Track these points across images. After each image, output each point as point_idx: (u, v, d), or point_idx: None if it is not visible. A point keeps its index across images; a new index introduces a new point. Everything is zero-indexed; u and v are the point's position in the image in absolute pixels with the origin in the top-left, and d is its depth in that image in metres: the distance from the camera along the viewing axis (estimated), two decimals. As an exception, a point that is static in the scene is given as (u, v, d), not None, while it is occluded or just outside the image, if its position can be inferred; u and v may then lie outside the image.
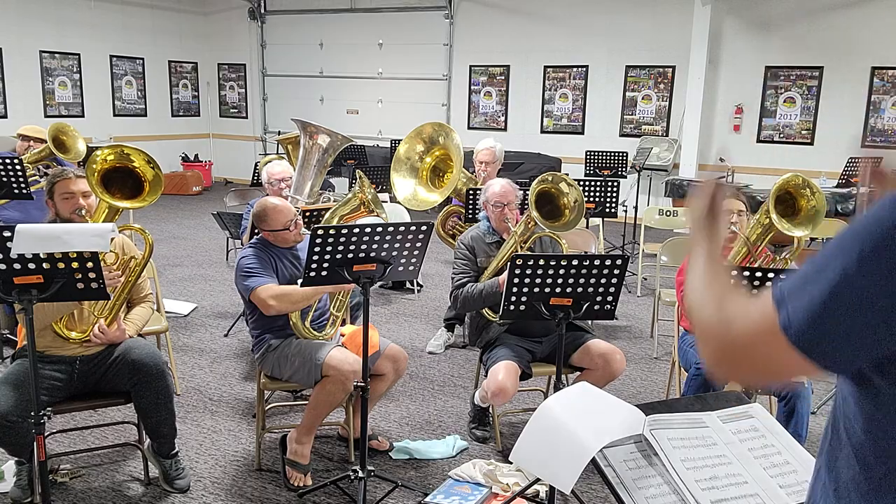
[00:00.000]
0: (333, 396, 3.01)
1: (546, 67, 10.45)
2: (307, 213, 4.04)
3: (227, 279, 6.39)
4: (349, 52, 11.72)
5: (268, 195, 4.18)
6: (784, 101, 9.23)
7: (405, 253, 2.81)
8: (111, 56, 11.22)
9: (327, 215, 3.48)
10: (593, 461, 1.49)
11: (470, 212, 4.80)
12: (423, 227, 2.78)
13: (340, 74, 11.84)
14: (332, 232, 2.64)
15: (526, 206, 3.56)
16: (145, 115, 11.86)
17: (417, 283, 6.25)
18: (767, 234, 3.32)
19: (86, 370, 2.87)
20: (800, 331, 0.87)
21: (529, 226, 3.52)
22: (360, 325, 2.86)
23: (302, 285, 2.93)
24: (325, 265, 2.70)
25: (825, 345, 0.87)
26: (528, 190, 3.52)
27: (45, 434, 2.47)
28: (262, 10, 12.23)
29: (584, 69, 10.23)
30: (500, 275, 3.40)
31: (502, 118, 10.88)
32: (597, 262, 2.81)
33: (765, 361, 0.93)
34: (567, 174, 3.98)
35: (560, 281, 2.80)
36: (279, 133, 11.32)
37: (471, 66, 10.94)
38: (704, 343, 1.01)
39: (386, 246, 2.74)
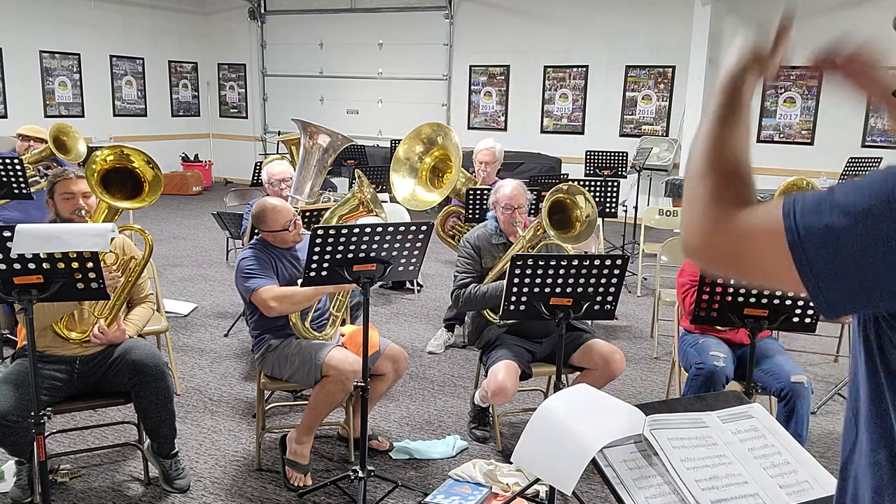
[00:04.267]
0: (333, 396, 3.01)
1: (546, 67, 10.45)
2: (307, 214, 4.04)
3: (227, 279, 6.39)
4: (349, 52, 11.72)
5: (268, 195, 4.18)
6: (784, 101, 9.23)
7: (405, 253, 2.81)
8: (111, 56, 11.22)
9: (326, 215, 3.48)
10: (593, 461, 1.49)
11: (469, 212, 4.79)
12: (423, 227, 2.78)
13: (340, 74, 11.84)
14: (331, 232, 2.64)
15: (538, 210, 3.54)
16: (145, 115, 11.86)
17: (417, 283, 6.25)
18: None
19: (86, 370, 2.87)
20: (803, 241, 0.83)
21: (538, 232, 3.50)
22: (360, 325, 2.86)
23: (302, 285, 2.93)
24: (325, 265, 2.70)
25: (823, 266, 0.82)
26: (539, 191, 3.50)
27: (45, 434, 2.47)
28: (262, 10, 12.23)
29: (584, 69, 10.23)
30: (503, 278, 3.39)
31: (502, 118, 10.88)
32: (597, 262, 2.81)
33: (752, 257, 0.89)
34: (566, 174, 3.96)
35: (560, 281, 2.80)
36: (279, 133, 11.33)
37: (471, 66, 10.94)
38: (694, 214, 0.94)
39: (386, 246, 2.74)
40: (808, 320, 2.81)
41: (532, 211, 4.13)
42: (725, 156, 0.97)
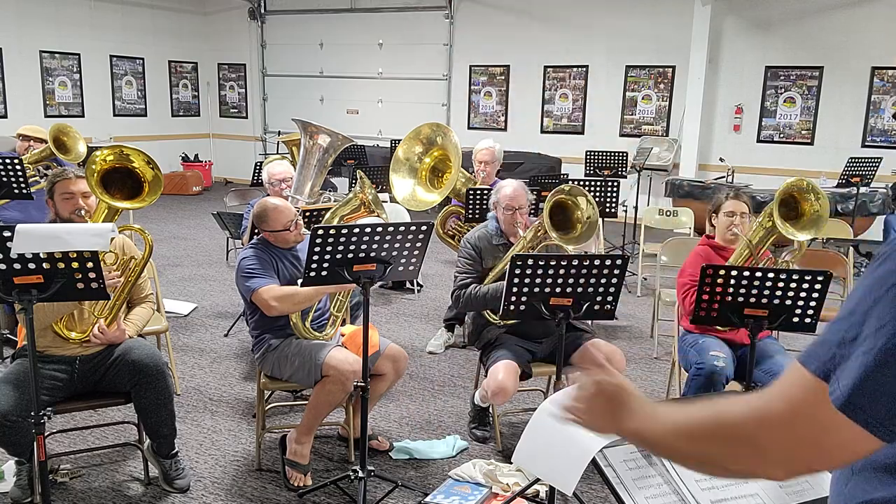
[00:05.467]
0: (333, 396, 3.01)
1: (546, 67, 10.45)
2: (307, 214, 4.04)
3: (227, 279, 6.39)
4: (349, 52, 11.72)
5: (268, 195, 4.18)
6: (784, 101, 9.23)
7: (405, 253, 2.81)
8: (111, 56, 11.22)
9: (328, 215, 3.48)
10: (593, 461, 1.49)
11: (469, 212, 4.79)
12: (423, 227, 2.78)
13: (340, 74, 11.84)
14: (332, 232, 2.64)
15: (539, 210, 3.53)
16: (145, 115, 11.86)
17: (417, 283, 6.25)
18: (770, 237, 3.32)
19: (86, 370, 2.87)
20: (852, 399, 0.81)
21: (539, 233, 3.49)
22: (360, 325, 2.86)
23: (302, 285, 2.93)
24: (326, 265, 2.70)
25: (882, 408, 0.80)
26: (539, 191, 3.49)
27: (45, 434, 2.47)
28: (262, 10, 12.23)
29: (584, 69, 10.23)
30: (504, 279, 3.39)
31: (502, 118, 10.88)
32: (597, 262, 2.81)
33: (813, 444, 0.84)
34: (566, 174, 3.96)
35: (560, 281, 2.80)
36: (279, 133, 11.33)
37: (471, 66, 10.94)
38: (756, 465, 0.89)
39: (386, 246, 2.74)
40: (808, 320, 2.81)
41: (532, 212, 4.13)
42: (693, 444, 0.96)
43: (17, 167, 4.45)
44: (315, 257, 2.67)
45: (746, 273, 2.79)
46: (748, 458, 0.89)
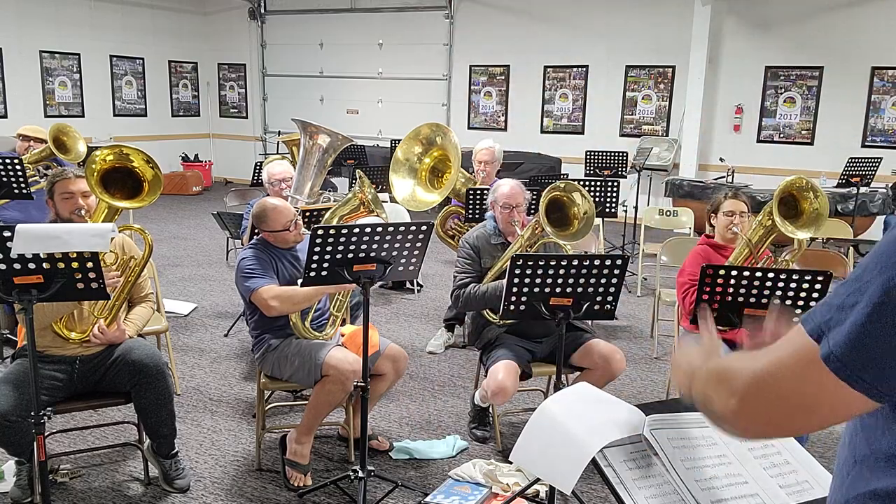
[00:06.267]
0: (333, 396, 3.01)
1: (546, 67, 10.45)
2: (307, 214, 4.04)
3: (227, 279, 6.39)
4: (349, 52, 11.72)
5: (268, 195, 4.18)
6: (784, 101, 9.23)
7: (405, 253, 2.81)
8: (111, 56, 11.22)
9: (327, 215, 3.48)
10: (593, 461, 1.49)
11: (469, 212, 4.79)
12: (423, 227, 2.78)
13: (340, 74, 11.84)
14: (332, 232, 2.64)
15: (534, 209, 3.54)
16: (145, 115, 11.87)
17: (417, 283, 6.25)
18: (770, 236, 3.32)
19: (86, 370, 2.87)
20: (843, 357, 0.82)
21: (536, 231, 3.50)
22: (360, 325, 2.86)
23: (302, 285, 2.93)
24: (325, 265, 2.70)
25: (873, 369, 0.81)
26: (538, 191, 3.50)
27: (45, 434, 2.47)
28: (262, 10, 12.23)
29: (584, 69, 10.23)
30: (503, 278, 3.39)
31: (502, 118, 10.88)
32: (597, 262, 2.81)
33: (801, 400, 0.86)
34: (567, 174, 3.96)
35: (560, 281, 2.79)
36: (279, 133, 11.33)
37: (471, 66, 10.94)
38: (724, 399, 0.94)
39: (386, 246, 2.74)
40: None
41: (530, 210, 4.13)
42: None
43: (17, 167, 4.45)
44: (315, 257, 2.67)
45: (746, 273, 2.79)
46: (735, 404, 0.92)
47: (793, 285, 2.76)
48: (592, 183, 5.89)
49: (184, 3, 12.21)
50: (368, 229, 2.67)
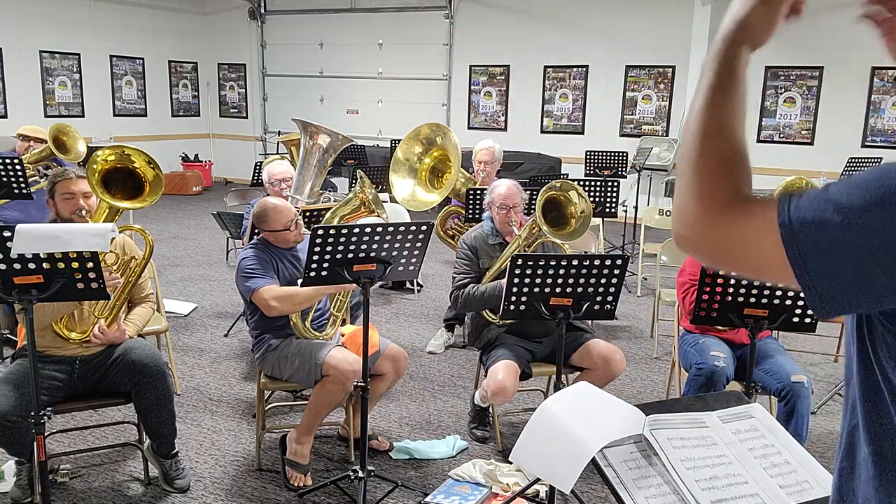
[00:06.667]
0: (333, 396, 3.01)
1: (546, 67, 10.45)
2: (307, 213, 4.04)
3: (227, 279, 6.39)
4: (349, 52, 11.72)
5: (268, 195, 4.18)
6: (784, 101, 9.23)
7: (405, 253, 2.81)
8: (111, 56, 11.22)
9: (328, 215, 3.48)
10: (593, 461, 1.49)
11: (469, 212, 4.80)
12: (423, 227, 2.78)
13: (340, 74, 11.84)
14: (332, 232, 2.64)
15: (532, 209, 3.54)
16: (145, 115, 11.87)
17: (417, 283, 6.25)
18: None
19: (86, 370, 2.87)
20: (797, 236, 0.81)
21: (534, 231, 3.50)
22: (360, 325, 2.87)
23: (302, 285, 2.93)
24: (325, 265, 2.70)
25: (817, 263, 0.80)
26: (536, 192, 3.50)
27: (45, 434, 2.47)
28: (262, 10, 12.23)
29: (584, 69, 10.24)
30: (501, 278, 3.39)
31: (502, 118, 10.88)
32: (597, 262, 2.81)
33: (743, 251, 0.86)
34: (567, 174, 3.96)
35: (560, 281, 2.80)
36: (279, 133, 11.33)
37: (471, 66, 10.94)
38: (684, 202, 0.90)
39: (386, 246, 2.74)
40: (808, 320, 2.81)
41: (528, 210, 4.14)
42: (719, 140, 0.93)
43: (17, 167, 4.45)
44: (315, 257, 2.67)
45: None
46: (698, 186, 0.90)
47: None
48: (592, 183, 5.89)
49: (184, 3, 12.21)
50: (368, 229, 2.67)
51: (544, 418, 1.62)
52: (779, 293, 2.78)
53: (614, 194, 5.89)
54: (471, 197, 4.75)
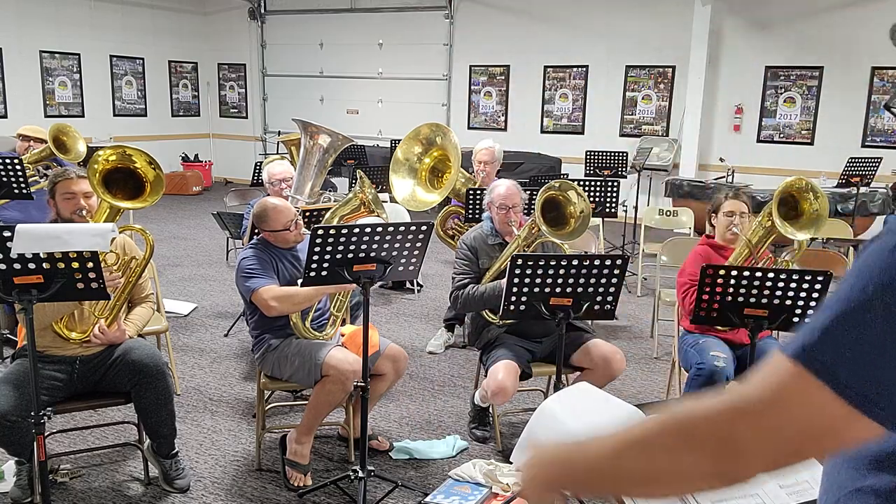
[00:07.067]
0: (333, 396, 3.01)
1: (546, 67, 10.45)
2: (307, 213, 4.04)
3: (227, 279, 6.39)
4: (349, 52, 11.72)
5: (268, 195, 4.18)
6: (784, 101, 9.23)
7: (405, 253, 2.81)
8: (111, 56, 11.22)
9: (327, 215, 3.48)
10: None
11: (469, 212, 4.80)
12: (423, 227, 2.78)
13: (340, 74, 11.84)
14: (332, 232, 2.64)
15: (531, 209, 3.54)
16: (145, 115, 11.87)
17: (417, 283, 6.25)
18: (769, 237, 3.32)
19: (86, 370, 2.87)
20: (808, 347, 0.75)
21: (533, 231, 3.50)
22: (360, 325, 2.86)
23: (302, 285, 2.93)
24: (325, 265, 2.70)
25: (851, 364, 0.73)
26: (536, 192, 3.50)
27: (45, 434, 2.47)
28: (262, 10, 12.23)
29: (584, 69, 10.23)
30: (501, 278, 3.39)
31: (502, 118, 10.88)
32: (597, 262, 2.81)
33: (796, 427, 0.75)
34: (566, 174, 3.96)
35: (560, 281, 2.80)
36: (279, 133, 11.33)
37: (471, 66, 10.93)
38: (710, 460, 0.79)
39: (386, 246, 2.74)
40: (807, 320, 2.80)
41: (527, 210, 4.14)
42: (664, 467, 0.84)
43: (17, 167, 4.45)
44: (315, 257, 2.67)
45: (746, 273, 2.79)
46: (723, 456, 0.78)
47: (793, 285, 2.76)
48: (592, 183, 5.89)
49: (184, 3, 12.21)
50: (368, 229, 2.67)
51: (544, 418, 1.62)
52: (779, 293, 2.78)
53: (614, 194, 5.89)
54: (471, 197, 4.75)
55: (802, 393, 0.75)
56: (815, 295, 2.77)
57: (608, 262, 2.82)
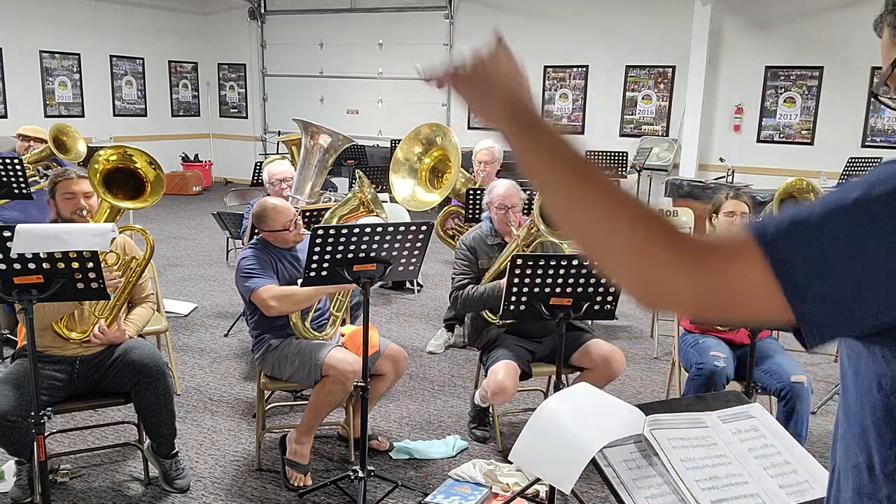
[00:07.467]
0: (333, 396, 3.02)
1: (546, 67, 10.44)
2: (307, 214, 4.05)
3: (227, 279, 6.39)
4: (349, 52, 11.72)
5: (268, 195, 4.18)
6: (784, 101, 9.23)
7: (405, 253, 2.81)
8: (111, 56, 11.22)
9: (327, 215, 3.48)
10: (593, 461, 1.49)
11: (469, 212, 4.80)
12: (423, 227, 2.78)
13: (340, 74, 11.83)
14: (332, 232, 2.64)
15: (530, 209, 3.54)
16: (145, 115, 11.87)
17: (417, 283, 6.25)
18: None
19: (86, 370, 2.87)
20: (777, 237, 0.74)
21: (532, 231, 3.50)
22: (360, 325, 2.87)
23: (302, 285, 2.93)
24: (325, 265, 2.70)
25: (806, 265, 0.73)
26: (535, 192, 3.50)
27: (45, 434, 2.47)
28: (262, 10, 12.23)
29: (584, 69, 10.23)
30: (500, 278, 3.39)
31: (502, 118, 10.86)
32: (597, 262, 2.81)
33: (724, 283, 0.76)
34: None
35: (560, 281, 2.80)
36: (279, 133, 11.32)
37: (471, 66, 10.91)
38: (645, 269, 0.80)
39: (386, 246, 2.74)
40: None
41: (527, 210, 4.14)
42: (623, 206, 0.85)
43: (17, 167, 4.45)
44: (315, 257, 2.67)
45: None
46: (659, 252, 0.80)
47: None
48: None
49: (184, 3, 12.21)
50: (368, 229, 2.67)
51: (544, 418, 1.62)
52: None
53: (614, 194, 5.88)
54: (471, 197, 4.75)
55: (752, 268, 0.76)
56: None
57: (608, 262, 2.82)
